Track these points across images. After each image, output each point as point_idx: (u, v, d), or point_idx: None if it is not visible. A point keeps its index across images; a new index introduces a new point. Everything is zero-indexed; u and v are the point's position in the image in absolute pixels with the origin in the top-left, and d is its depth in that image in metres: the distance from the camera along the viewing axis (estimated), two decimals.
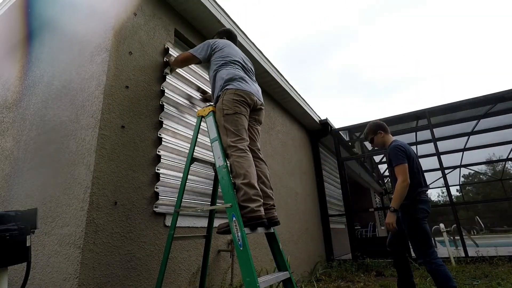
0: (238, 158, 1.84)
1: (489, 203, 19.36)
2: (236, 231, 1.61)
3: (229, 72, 2.12)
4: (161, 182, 2.33)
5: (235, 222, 1.63)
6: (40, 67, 2.81)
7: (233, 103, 1.98)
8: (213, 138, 2.00)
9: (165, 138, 2.48)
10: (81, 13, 2.61)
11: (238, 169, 1.81)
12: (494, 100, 6.16)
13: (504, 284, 3.32)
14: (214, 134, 2.00)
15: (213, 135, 2.00)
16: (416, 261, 5.13)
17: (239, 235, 1.59)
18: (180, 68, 2.66)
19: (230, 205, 1.69)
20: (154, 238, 2.17)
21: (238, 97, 2.00)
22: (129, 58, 2.33)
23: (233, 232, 1.63)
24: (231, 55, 2.26)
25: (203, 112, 2.18)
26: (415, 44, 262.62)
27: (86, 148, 1.97)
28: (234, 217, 1.65)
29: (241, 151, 1.87)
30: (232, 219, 1.65)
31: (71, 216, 1.86)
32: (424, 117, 6.31)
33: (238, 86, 2.05)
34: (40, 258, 1.93)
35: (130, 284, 1.92)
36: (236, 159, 1.84)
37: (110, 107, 2.07)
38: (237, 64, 2.23)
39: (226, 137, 1.94)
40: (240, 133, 1.94)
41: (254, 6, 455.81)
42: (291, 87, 5.16)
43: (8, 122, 2.88)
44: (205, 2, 3.05)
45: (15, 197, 2.38)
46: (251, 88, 2.12)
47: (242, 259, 1.55)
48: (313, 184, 6.22)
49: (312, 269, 4.84)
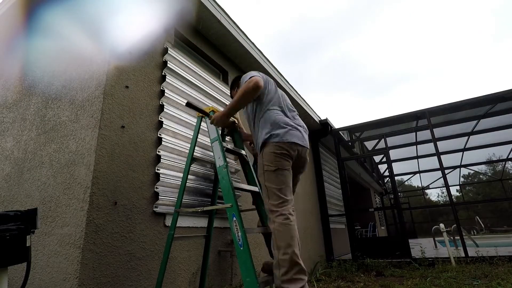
0: (280, 226, 1.62)
1: (489, 203, 19.37)
2: (237, 231, 1.61)
3: (274, 118, 1.85)
4: (161, 182, 2.33)
5: (235, 222, 1.63)
6: (40, 67, 2.81)
7: (275, 157, 1.76)
8: (213, 138, 1.98)
9: (165, 138, 2.48)
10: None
11: (279, 240, 1.60)
12: (494, 100, 6.16)
13: (504, 284, 3.32)
14: (214, 134, 1.99)
15: (213, 135, 1.99)
16: (416, 261, 5.14)
17: (239, 235, 1.60)
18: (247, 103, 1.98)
19: (230, 205, 1.68)
20: (154, 238, 2.17)
21: (279, 150, 1.76)
22: (129, 58, 2.33)
23: (233, 232, 1.62)
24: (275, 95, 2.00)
25: (203, 113, 2.18)
26: (420, 37, 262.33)
27: (86, 148, 1.97)
28: (234, 217, 1.65)
29: (284, 217, 1.65)
30: (232, 219, 1.66)
31: (71, 216, 1.86)
32: (424, 117, 6.31)
33: (281, 139, 1.78)
34: (40, 258, 1.93)
35: (130, 284, 1.92)
36: (278, 227, 1.63)
37: (110, 107, 2.07)
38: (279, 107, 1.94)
39: (267, 199, 1.74)
40: (283, 193, 1.72)
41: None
42: (291, 87, 5.16)
43: (8, 122, 2.88)
44: (205, 2, 3.05)
45: (15, 197, 2.38)
46: (295, 135, 1.84)
47: (242, 259, 1.55)
48: (313, 184, 6.22)
49: (312, 269, 4.84)
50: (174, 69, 2.74)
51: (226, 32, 3.42)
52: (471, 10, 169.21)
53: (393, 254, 5.50)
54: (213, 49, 3.59)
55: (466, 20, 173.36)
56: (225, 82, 3.76)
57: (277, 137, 1.79)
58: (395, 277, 4.27)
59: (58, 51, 2.67)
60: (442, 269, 4.53)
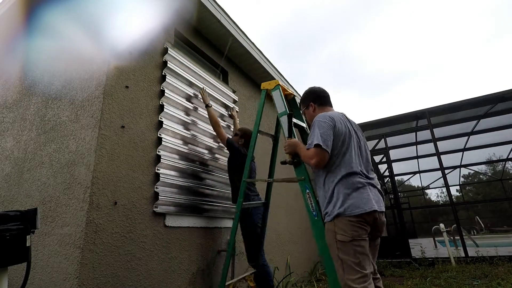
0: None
1: (489, 203, 19.35)
2: (310, 202, 1.76)
3: (349, 183, 1.59)
4: (161, 182, 2.33)
5: (309, 194, 1.78)
6: (40, 67, 2.81)
7: (350, 226, 1.52)
8: (282, 112, 2.09)
9: (165, 138, 2.48)
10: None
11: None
12: (494, 100, 6.17)
13: (504, 284, 3.32)
14: (282, 109, 2.10)
15: (281, 110, 2.10)
16: (416, 261, 5.14)
17: (313, 206, 1.75)
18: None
19: (303, 177, 1.84)
20: (154, 238, 2.17)
21: (355, 219, 1.52)
22: (129, 58, 2.32)
23: (307, 203, 1.76)
24: (349, 147, 1.68)
25: (268, 86, 2.22)
26: (420, 35, 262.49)
27: (86, 148, 1.97)
28: (307, 189, 1.80)
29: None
30: (305, 191, 1.80)
31: (71, 216, 1.86)
32: (424, 117, 6.31)
33: (358, 210, 1.53)
34: (40, 258, 1.93)
35: (130, 284, 1.92)
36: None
37: (110, 107, 2.07)
38: (358, 169, 1.64)
39: (342, 272, 1.52)
40: (360, 267, 1.48)
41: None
42: (291, 87, 5.16)
43: (8, 122, 2.88)
44: (205, 2, 3.05)
45: (15, 197, 2.37)
46: (373, 200, 1.58)
47: (317, 227, 1.72)
48: None
49: (312, 269, 4.83)
50: (174, 69, 2.74)
51: (226, 32, 3.42)
52: (471, 10, 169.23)
53: (393, 254, 5.50)
54: (213, 49, 3.59)
55: (466, 20, 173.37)
56: (225, 82, 3.76)
57: (356, 211, 1.54)
58: (395, 277, 4.26)
59: (58, 51, 2.67)
60: (442, 269, 4.53)
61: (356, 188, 1.57)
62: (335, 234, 1.54)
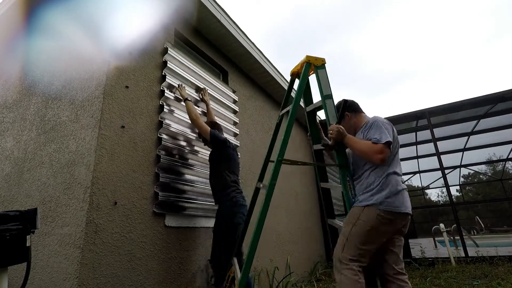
0: (347, 280, 1.53)
1: (489, 203, 19.36)
2: (350, 189, 1.79)
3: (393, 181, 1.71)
4: (161, 182, 2.33)
5: (349, 182, 1.80)
6: (40, 67, 2.81)
7: (376, 220, 1.61)
8: (327, 95, 1.91)
9: (165, 138, 2.48)
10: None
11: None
12: (494, 100, 6.17)
13: (504, 284, 3.32)
14: (328, 91, 1.92)
15: (327, 92, 1.92)
16: (416, 261, 5.14)
17: (352, 192, 1.79)
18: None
19: (345, 164, 1.84)
20: (154, 238, 2.17)
21: (387, 215, 1.62)
22: (129, 58, 2.32)
23: (346, 190, 1.78)
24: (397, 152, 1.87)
25: (315, 61, 1.96)
26: (420, 35, 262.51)
27: (86, 148, 1.97)
28: (348, 177, 1.81)
29: (353, 273, 1.54)
30: (346, 177, 1.80)
31: (71, 216, 1.86)
32: (424, 117, 6.31)
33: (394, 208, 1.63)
34: (40, 258, 1.93)
35: (130, 284, 1.92)
36: (346, 280, 1.54)
37: (110, 107, 2.07)
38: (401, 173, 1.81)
39: (341, 248, 1.63)
40: (362, 255, 1.59)
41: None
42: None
43: (8, 122, 2.88)
44: (205, 2, 3.05)
45: (15, 197, 2.37)
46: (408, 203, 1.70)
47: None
48: (313, 184, 6.22)
49: (312, 269, 4.83)
50: (174, 69, 2.74)
51: (226, 32, 3.42)
52: (471, 10, 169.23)
53: None
54: (213, 49, 3.59)
55: (466, 20, 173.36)
56: (225, 82, 3.76)
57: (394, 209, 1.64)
58: None
59: (58, 51, 2.67)
60: (442, 269, 4.53)
61: (399, 189, 1.69)
62: (357, 220, 1.65)
